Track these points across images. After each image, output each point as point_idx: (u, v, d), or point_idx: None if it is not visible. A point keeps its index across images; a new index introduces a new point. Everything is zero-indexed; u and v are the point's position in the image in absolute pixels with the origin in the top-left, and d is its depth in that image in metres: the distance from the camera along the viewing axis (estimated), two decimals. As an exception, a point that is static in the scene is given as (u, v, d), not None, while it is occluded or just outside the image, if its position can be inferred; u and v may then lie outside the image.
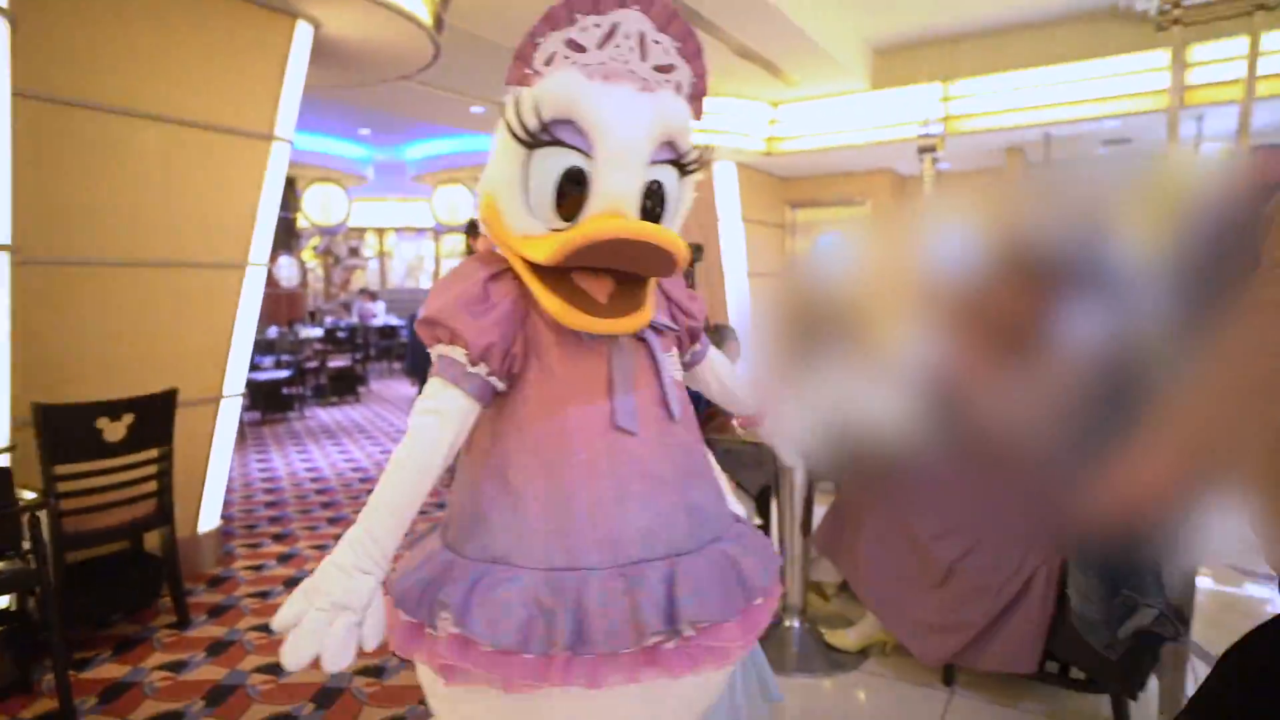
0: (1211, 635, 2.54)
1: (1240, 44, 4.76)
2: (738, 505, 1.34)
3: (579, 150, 1.04)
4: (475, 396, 1.09)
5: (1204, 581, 2.94)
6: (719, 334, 1.88)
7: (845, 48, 6.30)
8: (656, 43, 1.10)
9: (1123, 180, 2.11)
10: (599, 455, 1.07)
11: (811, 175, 8.69)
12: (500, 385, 1.11)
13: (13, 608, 2.29)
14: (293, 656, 1.00)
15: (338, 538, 1.10)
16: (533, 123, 1.04)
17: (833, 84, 6.81)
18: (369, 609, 1.05)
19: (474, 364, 1.08)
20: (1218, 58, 5.06)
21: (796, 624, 2.51)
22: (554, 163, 1.05)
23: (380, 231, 15.51)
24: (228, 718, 2.12)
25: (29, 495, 2.06)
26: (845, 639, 2.43)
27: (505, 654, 0.99)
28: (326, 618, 1.01)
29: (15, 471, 2.04)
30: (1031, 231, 2.15)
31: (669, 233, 1.04)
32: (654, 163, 1.08)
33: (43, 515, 2.19)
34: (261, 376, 7.13)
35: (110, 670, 2.38)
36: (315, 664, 1.01)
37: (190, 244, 3.14)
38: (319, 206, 11.59)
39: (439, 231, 14.06)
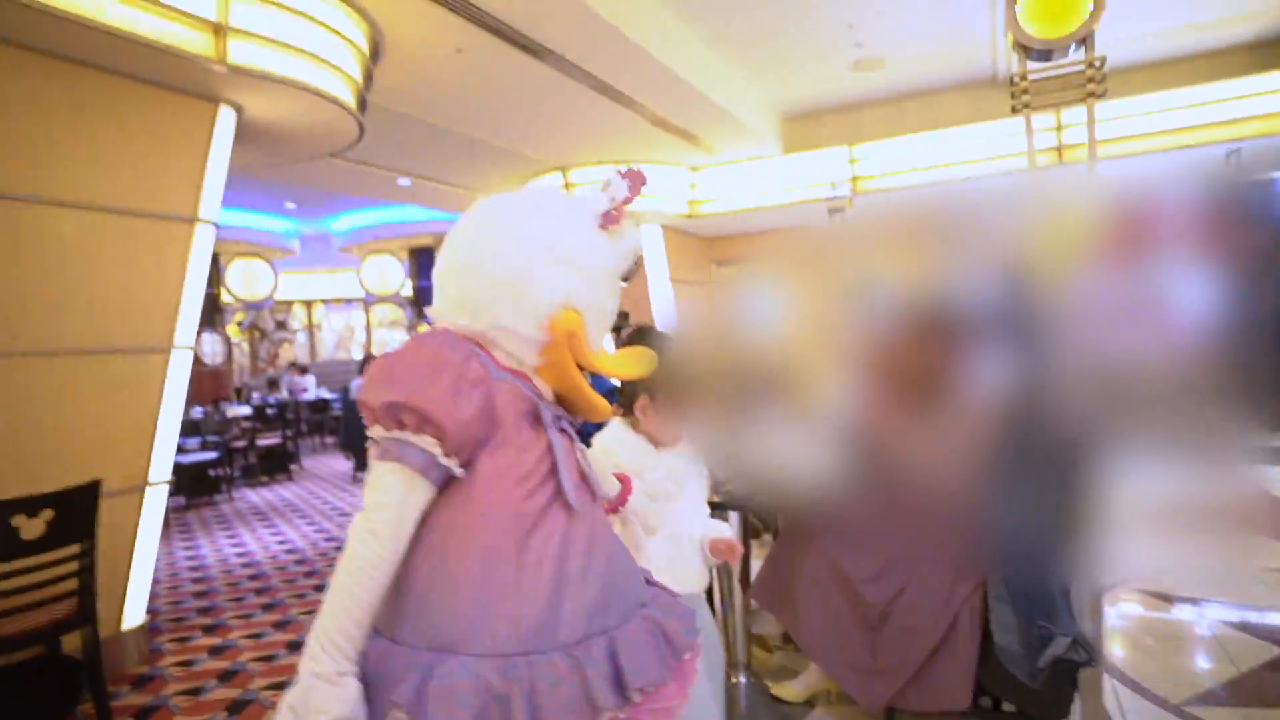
0: (1135, 658, 2.71)
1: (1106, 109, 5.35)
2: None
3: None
4: (438, 485, 1.07)
5: (1129, 607, 3.12)
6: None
7: (756, 116, 6.69)
8: None
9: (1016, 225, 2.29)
10: (541, 538, 1.09)
11: (735, 234, 9.05)
12: (461, 474, 1.08)
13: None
14: None
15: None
16: (632, 256, 1.27)
17: (747, 149, 7.19)
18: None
19: (448, 455, 1.05)
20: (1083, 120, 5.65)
21: (743, 679, 2.55)
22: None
23: (308, 303, 15.23)
24: (159, 828, 2.02)
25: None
26: (791, 690, 2.49)
27: None
28: None
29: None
30: (932, 283, 2.34)
31: None
32: None
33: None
34: (186, 459, 6.86)
35: (26, 789, 2.24)
36: None
37: (112, 329, 3.08)
38: (244, 282, 11.38)
39: (369, 302, 13.92)
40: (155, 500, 3.28)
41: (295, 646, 3.25)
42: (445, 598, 1.05)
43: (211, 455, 7.25)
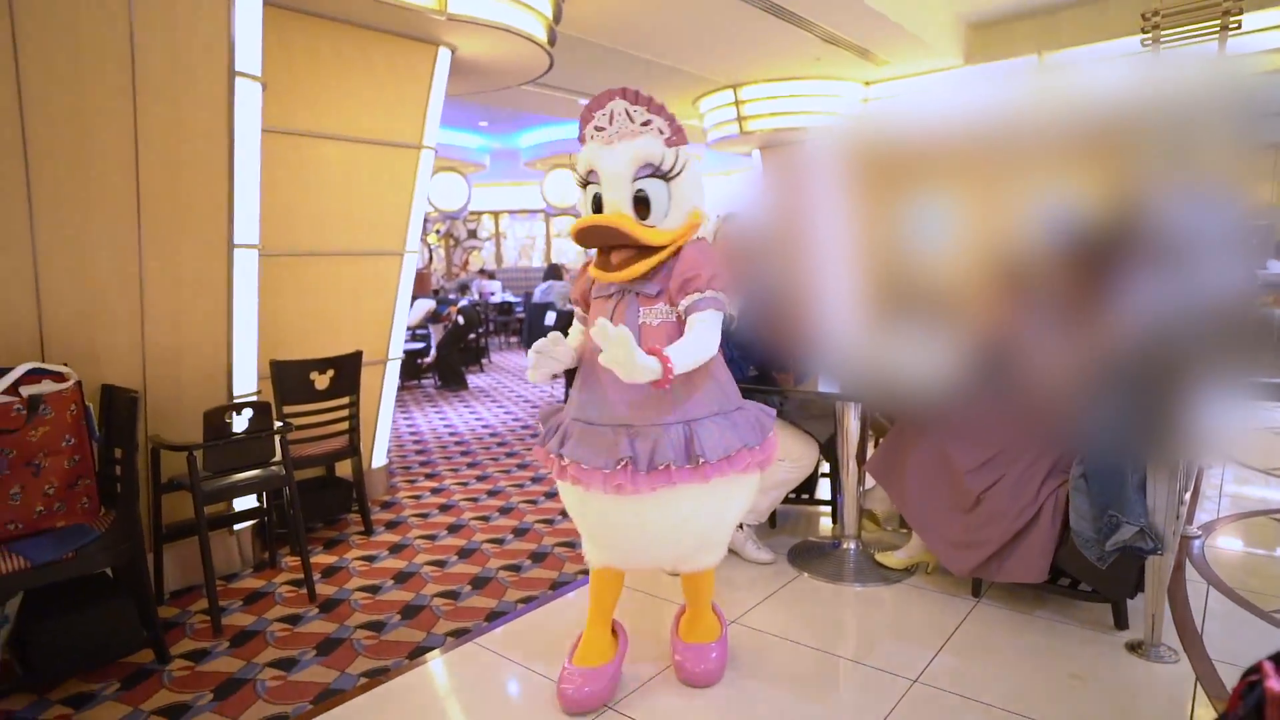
0: (1230, 560, 2.84)
1: None
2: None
3: (598, 185, 1.91)
4: (583, 322, 2.12)
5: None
6: None
7: (934, 27, 6.47)
8: (636, 111, 1.88)
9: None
10: (595, 360, 1.86)
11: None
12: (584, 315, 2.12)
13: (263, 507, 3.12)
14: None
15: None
16: (580, 177, 1.98)
17: (924, 62, 6.98)
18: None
19: (574, 304, 2.15)
20: None
21: (853, 546, 3.01)
22: (590, 193, 1.96)
23: (495, 214, 16.58)
24: (410, 590, 2.88)
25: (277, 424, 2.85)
26: (893, 559, 2.91)
27: (553, 456, 1.96)
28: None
29: (264, 408, 2.83)
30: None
31: (607, 216, 1.86)
32: (639, 179, 1.86)
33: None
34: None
35: (324, 558, 3.20)
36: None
37: (363, 236, 3.92)
38: (443, 193, 12.65)
39: (549, 214, 14.91)
40: (392, 372, 4.19)
41: (494, 493, 4.10)
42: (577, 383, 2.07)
43: (419, 345, 8.51)
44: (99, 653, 2.26)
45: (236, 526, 3.06)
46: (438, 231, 15.07)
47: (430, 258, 14.09)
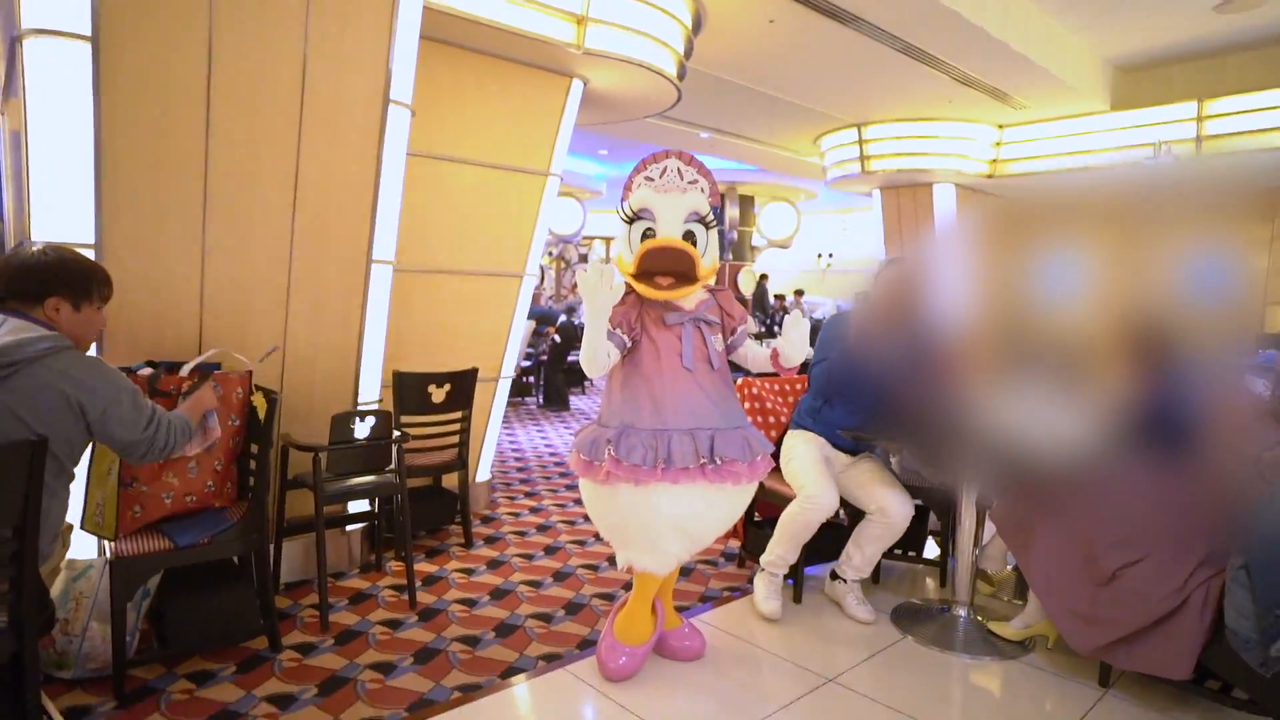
0: None
1: None
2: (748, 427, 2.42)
3: (650, 222, 2.30)
4: (619, 347, 2.31)
5: None
6: None
7: (1079, 70, 6.16)
8: (686, 170, 2.34)
9: None
10: (673, 378, 2.29)
11: (1042, 195, 8.39)
12: (629, 343, 2.33)
13: (373, 511, 3.25)
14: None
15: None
16: (629, 213, 2.33)
17: (1066, 106, 6.65)
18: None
19: (614, 329, 2.28)
20: None
21: (963, 613, 2.81)
22: (639, 227, 2.32)
23: (607, 240, 16.92)
24: (506, 608, 2.92)
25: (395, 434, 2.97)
26: (1008, 629, 2.70)
27: (635, 466, 2.19)
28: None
29: (385, 416, 2.96)
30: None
31: (677, 240, 2.26)
32: (688, 222, 2.31)
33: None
34: (509, 364, 8.36)
35: (425, 567, 3.30)
36: None
37: (489, 257, 4.07)
38: (559, 217, 13.04)
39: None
40: (503, 390, 4.30)
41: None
42: (627, 404, 2.32)
43: (526, 364, 8.74)
44: (222, 634, 2.40)
45: (348, 528, 3.21)
46: (550, 253, 15.51)
47: (543, 278, 14.53)
